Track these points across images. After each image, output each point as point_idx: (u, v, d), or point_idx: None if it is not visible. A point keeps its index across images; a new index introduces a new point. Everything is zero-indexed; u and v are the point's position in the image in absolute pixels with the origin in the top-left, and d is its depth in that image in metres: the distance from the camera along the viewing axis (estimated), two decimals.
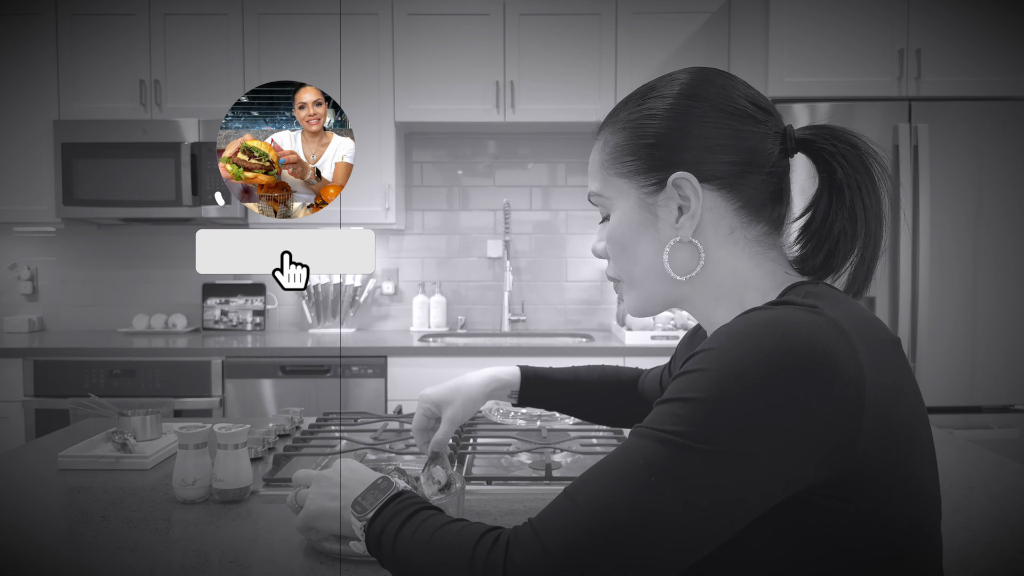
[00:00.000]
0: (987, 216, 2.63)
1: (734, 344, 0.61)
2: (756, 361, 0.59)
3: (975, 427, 2.62)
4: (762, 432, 0.58)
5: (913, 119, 2.63)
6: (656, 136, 0.76)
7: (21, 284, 3.49)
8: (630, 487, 0.60)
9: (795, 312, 0.63)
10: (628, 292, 0.82)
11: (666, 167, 0.75)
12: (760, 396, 0.59)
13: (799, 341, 0.60)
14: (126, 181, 3.08)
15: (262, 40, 3.15)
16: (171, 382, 2.89)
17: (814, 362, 0.59)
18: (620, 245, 0.80)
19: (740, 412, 0.59)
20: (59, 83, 3.15)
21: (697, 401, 0.60)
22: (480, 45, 3.16)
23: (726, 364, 0.60)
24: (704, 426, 0.59)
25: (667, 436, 0.60)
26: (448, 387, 1.17)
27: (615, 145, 0.80)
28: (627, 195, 0.79)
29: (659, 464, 0.59)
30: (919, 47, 2.71)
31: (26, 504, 1.20)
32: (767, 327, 0.61)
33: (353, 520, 0.80)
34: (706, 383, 0.60)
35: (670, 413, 0.61)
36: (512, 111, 3.16)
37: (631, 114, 0.80)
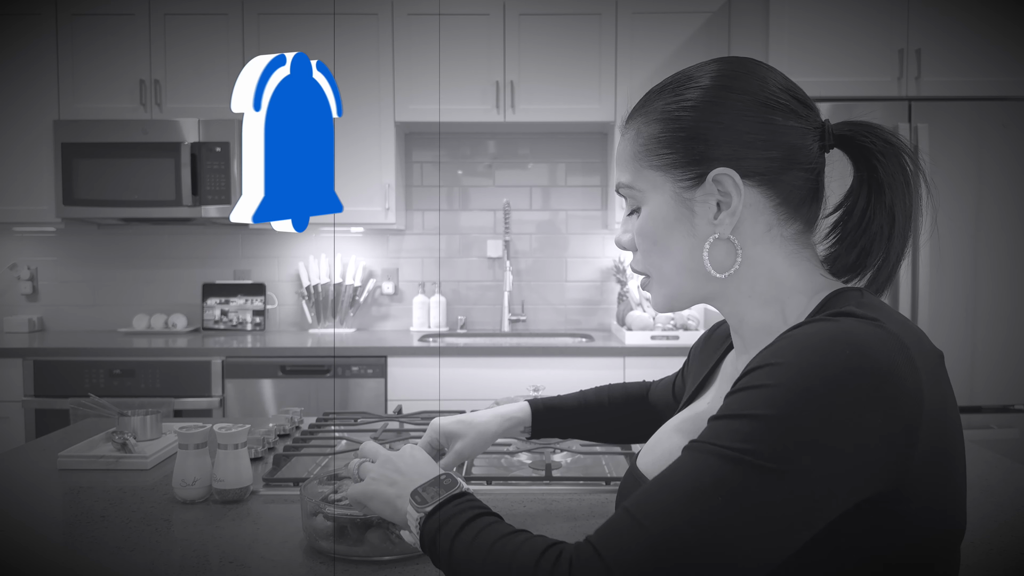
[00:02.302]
0: (987, 216, 2.63)
1: (802, 360, 0.60)
2: (825, 378, 0.58)
3: (975, 427, 2.62)
4: (830, 451, 0.58)
5: (913, 119, 2.63)
6: (695, 129, 0.73)
7: (21, 284, 3.49)
8: (699, 507, 0.58)
9: (860, 326, 0.62)
10: (657, 288, 0.80)
11: (705, 162, 0.73)
12: (829, 414, 0.58)
13: (867, 359, 0.59)
14: (126, 181, 3.08)
15: (262, 40, 3.15)
16: (171, 382, 2.89)
17: (881, 380, 0.59)
18: (652, 239, 0.77)
19: (809, 430, 0.58)
20: (59, 83, 3.15)
21: (765, 418, 0.59)
22: (480, 45, 3.16)
23: (794, 380, 0.59)
24: (772, 444, 0.58)
25: (734, 454, 0.58)
26: (462, 420, 1.15)
27: (649, 136, 0.76)
28: (661, 189, 0.76)
29: (727, 484, 0.58)
30: (919, 47, 2.71)
31: (26, 504, 1.20)
32: (835, 343, 0.60)
33: (410, 510, 0.78)
34: (774, 400, 0.59)
35: (735, 430, 0.60)
36: (512, 111, 3.16)
37: (667, 104, 0.76)
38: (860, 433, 0.58)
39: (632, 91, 3.15)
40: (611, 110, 3.16)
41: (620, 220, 0.82)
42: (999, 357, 2.64)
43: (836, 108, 2.64)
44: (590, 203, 3.53)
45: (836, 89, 2.71)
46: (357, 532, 0.97)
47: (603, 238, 3.54)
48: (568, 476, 1.29)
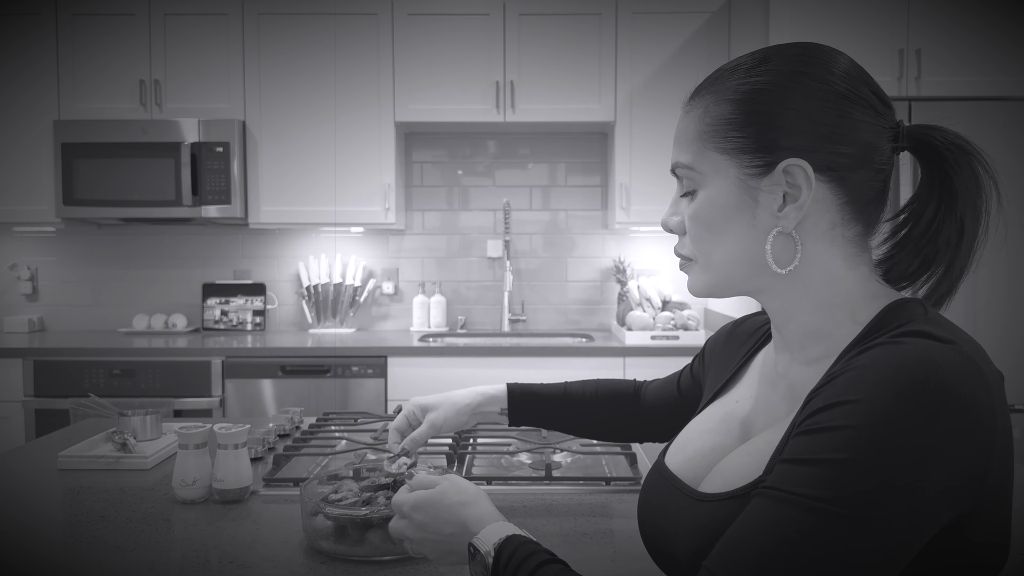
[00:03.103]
0: None
1: (881, 396, 0.56)
2: (906, 416, 0.55)
3: None
4: (914, 491, 0.55)
5: (913, 119, 2.63)
6: (770, 114, 0.68)
7: (21, 284, 3.49)
8: (789, 563, 0.56)
9: (937, 351, 0.58)
10: (700, 273, 0.75)
11: (777, 150, 0.68)
12: (912, 455, 0.55)
13: (948, 392, 0.56)
14: (126, 181, 3.09)
15: (262, 40, 3.15)
16: (171, 382, 2.89)
17: (962, 413, 0.56)
18: (706, 225, 0.72)
19: (892, 472, 0.55)
20: (59, 83, 3.15)
21: (845, 463, 0.56)
22: (480, 45, 3.16)
23: (875, 420, 0.56)
24: (856, 491, 0.55)
25: (818, 504, 0.56)
26: (437, 396, 1.19)
27: (719, 116, 0.71)
28: (725, 173, 0.71)
29: (815, 536, 0.56)
30: (919, 47, 2.71)
31: (26, 504, 1.20)
32: (914, 375, 0.56)
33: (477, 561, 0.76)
34: (854, 443, 0.56)
35: (816, 477, 0.57)
36: (512, 111, 3.16)
37: (742, 84, 0.70)
38: (943, 469, 0.56)
39: (632, 91, 3.15)
40: (611, 110, 3.16)
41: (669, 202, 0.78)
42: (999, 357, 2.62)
43: None
44: (590, 203, 3.54)
45: None
46: (357, 532, 0.97)
47: (603, 238, 3.54)
48: (568, 476, 1.29)
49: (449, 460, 1.36)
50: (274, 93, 3.17)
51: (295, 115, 3.17)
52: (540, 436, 1.51)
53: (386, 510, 0.97)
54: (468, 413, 1.17)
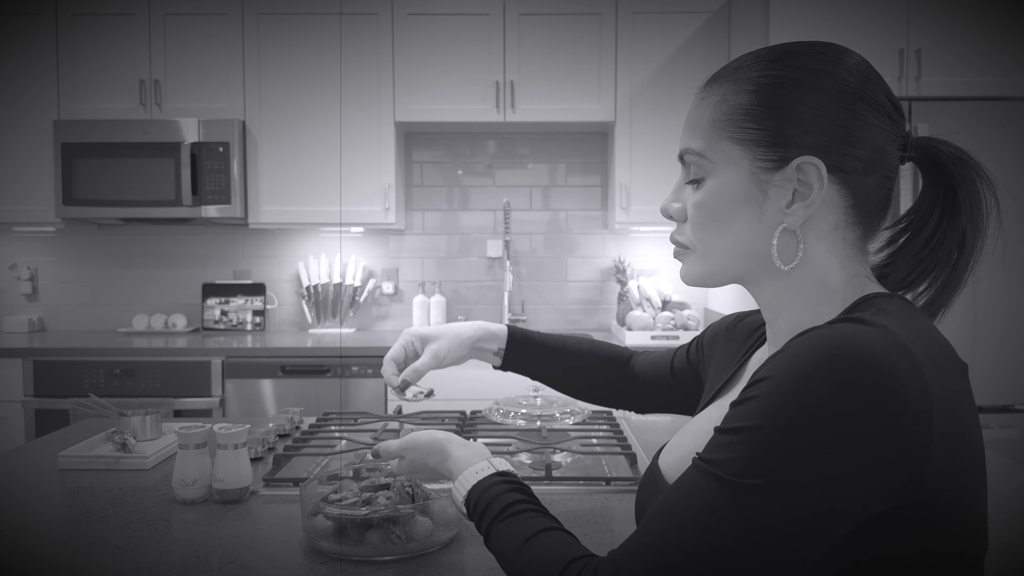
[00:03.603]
0: None
1: (796, 370, 0.58)
2: (818, 390, 0.57)
3: None
4: (822, 466, 0.56)
5: (913, 119, 2.63)
6: (790, 109, 0.68)
7: (21, 284, 3.49)
8: (693, 526, 0.59)
9: (865, 335, 0.59)
10: (696, 262, 0.75)
11: (792, 146, 0.68)
12: (821, 430, 0.56)
13: (866, 371, 0.56)
14: (126, 181, 3.09)
15: (262, 40, 3.15)
16: (171, 382, 2.89)
17: (880, 393, 0.56)
18: (711, 214, 0.72)
19: (798, 446, 0.56)
20: (59, 83, 3.15)
21: (750, 431, 0.58)
22: (480, 45, 3.16)
23: (785, 393, 0.58)
24: (757, 460, 0.57)
25: (721, 473, 0.59)
26: (436, 327, 1.17)
27: (736, 106, 0.70)
28: (737, 163, 0.70)
29: (717, 503, 0.58)
30: (919, 47, 2.71)
31: (26, 504, 1.20)
32: (832, 351, 0.58)
33: (456, 485, 0.87)
34: (762, 413, 0.58)
35: (724, 445, 0.60)
36: (512, 111, 3.16)
37: (762, 76, 0.70)
38: (856, 448, 0.56)
39: (632, 91, 3.15)
40: (611, 110, 3.16)
41: (672, 188, 0.78)
42: (999, 357, 2.64)
43: None
44: (590, 203, 3.54)
45: None
46: (357, 532, 0.97)
47: (603, 238, 3.54)
48: (568, 476, 1.29)
49: None
50: (274, 93, 3.17)
51: (295, 115, 3.17)
52: (540, 436, 1.51)
53: (386, 510, 0.97)
54: (468, 346, 1.15)
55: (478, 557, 0.99)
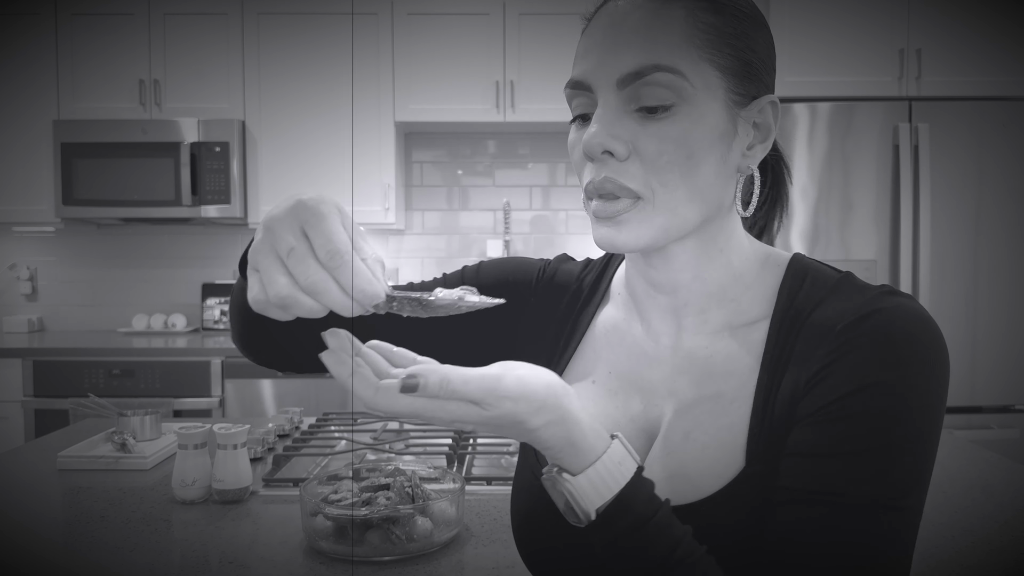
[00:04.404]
0: (987, 216, 2.63)
1: (906, 372, 0.56)
2: (931, 385, 0.57)
3: (975, 427, 2.62)
4: (933, 450, 0.58)
5: (913, 119, 2.63)
6: (753, 40, 0.62)
7: (21, 284, 3.49)
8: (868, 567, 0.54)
9: (924, 313, 0.59)
10: (650, 215, 0.60)
11: (755, 82, 0.62)
12: (937, 421, 0.57)
13: (944, 351, 0.59)
14: (125, 181, 3.08)
15: (262, 40, 3.15)
16: (171, 382, 2.89)
17: (947, 367, 0.59)
18: (687, 152, 0.59)
19: (929, 447, 0.57)
20: (59, 83, 3.15)
21: (890, 449, 0.55)
22: (480, 45, 3.16)
23: (905, 399, 0.55)
24: (911, 473, 0.55)
25: (888, 502, 0.55)
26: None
27: (711, 24, 0.59)
28: (714, 92, 0.59)
29: (888, 534, 0.55)
30: (919, 47, 2.71)
31: (26, 504, 1.19)
32: (933, 344, 0.57)
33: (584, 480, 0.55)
34: (891, 428, 0.55)
35: (867, 472, 0.55)
36: (512, 111, 3.15)
37: (725, 6, 0.61)
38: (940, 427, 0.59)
39: None
40: None
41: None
42: (999, 357, 2.64)
43: (836, 108, 2.64)
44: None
45: (836, 89, 2.71)
46: (357, 532, 0.97)
47: None
48: None
49: (449, 460, 1.36)
50: (274, 93, 3.16)
51: (295, 115, 3.17)
52: None
53: (386, 510, 0.97)
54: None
55: (478, 557, 0.99)
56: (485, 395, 0.50)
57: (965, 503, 1.16)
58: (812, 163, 2.64)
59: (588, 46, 0.62)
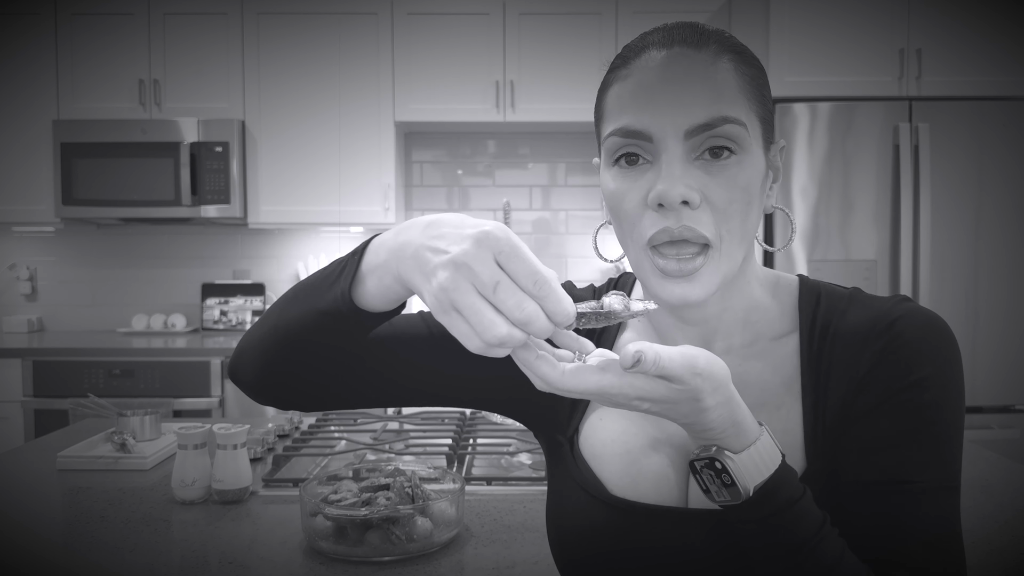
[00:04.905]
0: (987, 216, 2.63)
1: (941, 365, 0.63)
2: (959, 375, 0.64)
3: (976, 427, 2.61)
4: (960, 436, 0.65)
5: (914, 119, 2.63)
6: (770, 93, 0.67)
7: (20, 284, 3.49)
8: (958, 541, 0.63)
9: (929, 310, 0.67)
10: (717, 263, 0.62)
11: (772, 127, 0.68)
12: (962, 405, 0.65)
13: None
14: (125, 181, 3.08)
15: (262, 40, 3.15)
16: (170, 382, 2.89)
17: None
18: (748, 198, 0.63)
19: (960, 427, 0.64)
20: (59, 83, 3.15)
21: (940, 434, 0.63)
22: (480, 45, 3.16)
23: (946, 389, 0.63)
24: (956, 454, 0.63)
25: (951, 484, 0.63)
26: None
27: (752, 77, 0.64)
28: (758, 139, 0.64)
29: (955, 510, 0.63)
30: (919, 47, 2.71)
31: (25, 504, 1.19)
32: (951, 339, 0.65)
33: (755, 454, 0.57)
34: (939, 416, 0.63)
35: (927, 457, 0.62)
36: (512, 111, 3.15)
37: (751, 55, 0.67)
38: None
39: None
40: None
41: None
42: (999, 357, 2.64)
43: (836, 108, 2.64)
44: (590, 203, 3.53)
45: (836, 89, 2.71)
46: (357, 532, 0.96)
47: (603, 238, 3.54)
48: None
49: (449, 460, 1.36)
50: (274, 93, 3.16)
51: (295, 115, 3.17)
52: None
53: (386, 511, 0.96)
54: None
55: (478, 557, 0.99)
56: (684, 371, 0.52)
57: (965, 503, 1.16)
58: (812, 163, 2.64)
59: (641, 96, 0.63)
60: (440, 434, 1.56)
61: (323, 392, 0.72)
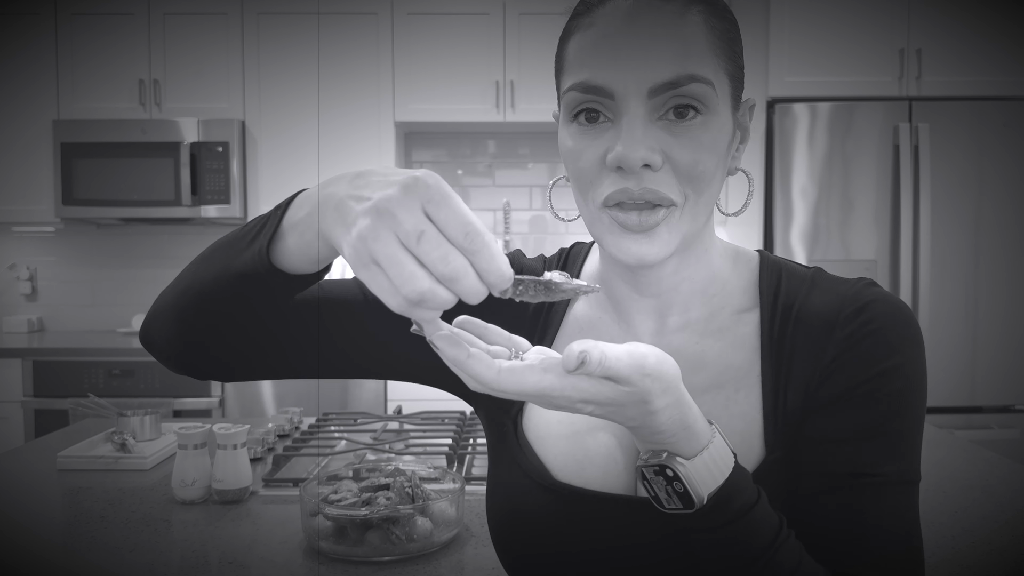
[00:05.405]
0: (987, 216, 2.63)
1: (913, 354, 0.61)
2: (924, 368, 0.62)
3: (976, 427, 2.61)
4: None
5: (913, 119, 2.63)
6: (741, 49, 0.63)
7: (20, 284, 3.49)
8: (914, 532, 0.61)
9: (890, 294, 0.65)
10: (677, 224, 0.60)
11: (741, 84, 0.63)
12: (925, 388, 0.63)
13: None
14: (125, 181, 3.08)
15: (262, 40, 3.15)
16: (170, 382, 2.89)
17: None
18: (716, 159, 0.60)
19: (922, 414, 0.63)
20: (59, 83, 3.15)
21: (902, 429, 0.61)
22: (480, 45, 3.16)
23: (910, 379, 0.61)
24: (916, 447, 0.62)
25: (912, 479, 0.61)
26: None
27: (722, 31, 0.60)
28: (726, 98, 0.60)
29: (914, 504, 0.61)
30: (919, 47, 2.71)
31: (25, 505, 1.19)
32: (917, 327, 0.63)
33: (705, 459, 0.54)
34: (910, 405, 0.61)
35: (891, 450, 0.60)
36: (512, 111, 3.15)
37: (723, 5, 0.62)
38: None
39: None
40: None
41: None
42: (999, 357, 2.64)
43: (836, 108, 2.64)
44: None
45: (836, 89, 2.71)
46: (357, 532, 0.97)
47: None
48: None
49: (449, 460, 1.36)
50: (274, 93, 3.16)
51: (295, 115, 3.17)
52: None
53: (386, 510, 0.97)
54: None
55: (478, 557, 0.99)
56: (632, 372, 0.48)
57: (965, 503, 1.16)
58: (812, 163, 2.64)
59: (604, 48, 0.59)
60: (440, 434, 1.56)
61: (243, 361, 0.67)
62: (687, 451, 0.53)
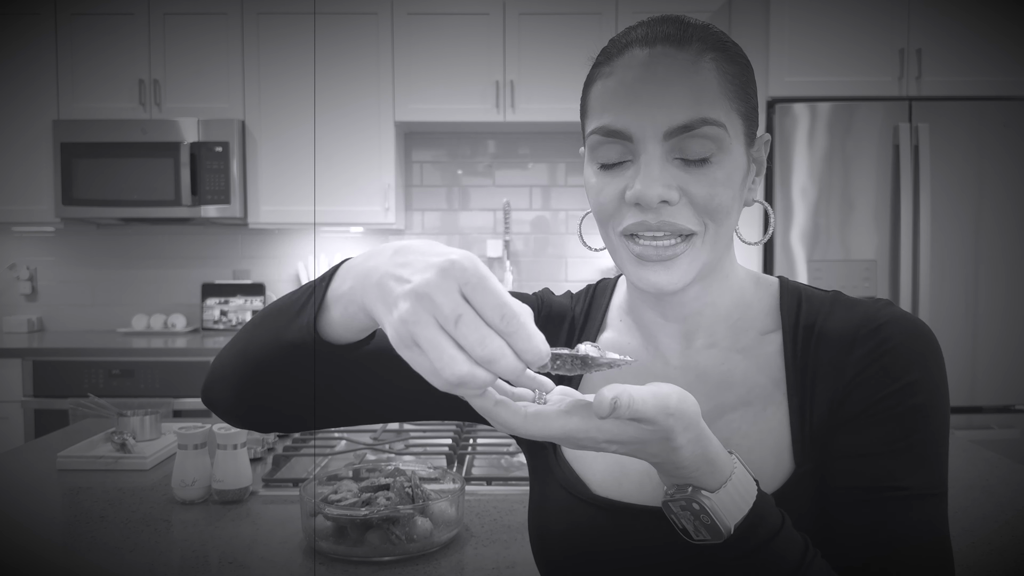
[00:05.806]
0: (988, 216, 2.63)
1: (930, 369, 0.63)
2: (945, 380, 0.64)
3: (976, 427, 2.61)
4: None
5: (914, 119, 2.63)
6: (754, 88, 0.67)
7: (20, 284, 3.49)
8: (945, 546, 0.62)
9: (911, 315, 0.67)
10: (697, 254, 0.64)
11: (755, 121, 0.68)
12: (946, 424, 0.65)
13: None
14: (125, 181, 3.08)
15: (262, 40, 3.15)
16: (170, 382, 2.89)
17: None
18: (732, 192, 0.64)
19: (946, 429, 0.65)
20: (59, 83, 3.15)
21: (926, 441, 0.63)
22: (480, 45, 3.16)
23: (933, 394, 0.63)
24: (943, 460, 0.64)
25: (939, 491, 0.62)
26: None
27: (735, 75, 0.65)
28: (739, 137, 0.65)
29: (943, 517, 0.62)
30: (919, 47, 2.71)
31: (25, 505, 1.19)
32: (936, 342, 0.65)
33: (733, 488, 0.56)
34: (926, 424, 0.63)
35: (916, 465, 0.62)
36: (512, 111, 3.15)
37: (736, 51, 0.66)
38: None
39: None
40: None
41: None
42: (999, 357, 2.64)
43: (836, 108, 2.64)
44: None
45: (836, 89, 2.71)
46: (357, 532, 0.97)
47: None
48: None
49: (449, 460, 1.36)
50: (274, 93, 3.16)
51: (295, 115, 3.17)
52: None
53: (386, 510, 0.96)
54: None
55: (478, 557, 0.99)
56: (656, 413, 0.50)
57: (965, 503, 1.16)
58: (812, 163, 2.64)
59: (622, 95, 0.63)
60: (440, 434, 1.56)
61: (301, 417, 0.68)
62: (711, 484, 0.55)
